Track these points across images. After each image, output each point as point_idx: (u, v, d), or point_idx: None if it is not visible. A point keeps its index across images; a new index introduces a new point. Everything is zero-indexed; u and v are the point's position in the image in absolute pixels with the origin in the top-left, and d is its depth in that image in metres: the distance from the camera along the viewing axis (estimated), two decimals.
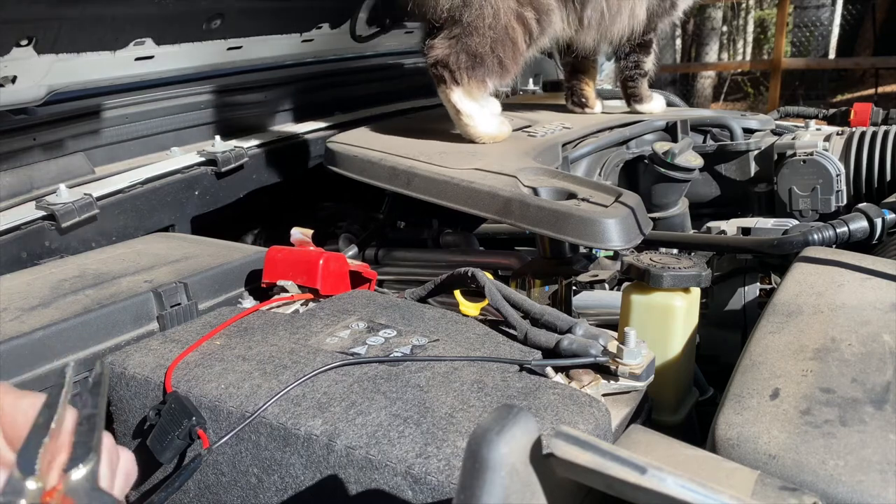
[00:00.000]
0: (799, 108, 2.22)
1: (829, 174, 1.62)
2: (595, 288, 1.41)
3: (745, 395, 0.74)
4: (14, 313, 0.99)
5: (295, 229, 1.77)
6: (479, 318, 0.99)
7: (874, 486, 0.61)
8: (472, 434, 0.47)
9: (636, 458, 0.45)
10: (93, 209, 1.40)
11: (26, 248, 1.32)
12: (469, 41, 1.46)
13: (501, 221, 1.27)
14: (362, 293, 1.09)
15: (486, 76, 1.49)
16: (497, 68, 1.49)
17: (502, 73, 1.51)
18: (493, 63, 1.48)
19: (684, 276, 0.97)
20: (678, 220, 1.70)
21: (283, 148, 1.88)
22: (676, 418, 1.01)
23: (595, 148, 1.66)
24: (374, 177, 1.44)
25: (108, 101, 1.63)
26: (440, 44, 1.48)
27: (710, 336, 1.31)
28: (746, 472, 0.63)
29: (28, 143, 1.46)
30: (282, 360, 0.86)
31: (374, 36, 2.15)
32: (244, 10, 1.73)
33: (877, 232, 1.29)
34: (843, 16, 7.78)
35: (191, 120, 1.82)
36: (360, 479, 0.70)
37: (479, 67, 1.48)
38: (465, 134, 1.55)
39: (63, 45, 1.40)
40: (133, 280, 1.10)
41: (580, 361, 0.84)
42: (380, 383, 0.80)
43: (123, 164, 1.64)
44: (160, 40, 1.60)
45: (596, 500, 0.54)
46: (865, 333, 0.83)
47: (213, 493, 0.81)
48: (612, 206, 1.19)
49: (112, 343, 0.99)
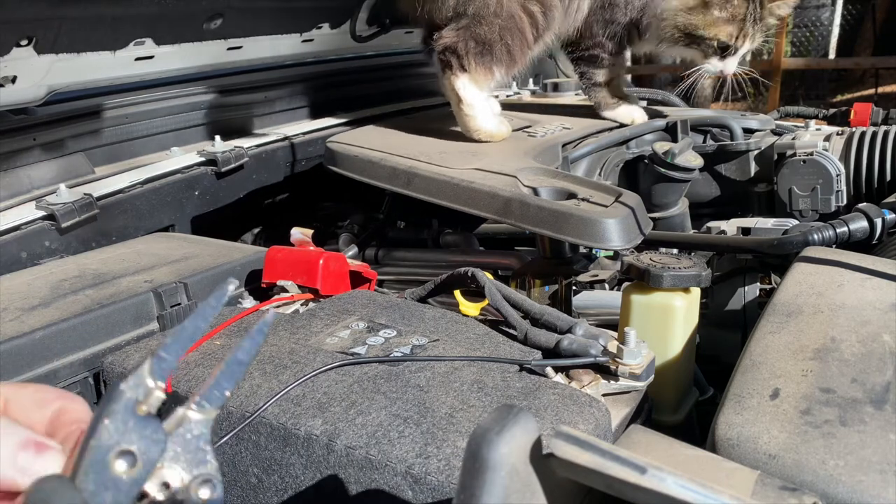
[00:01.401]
0: (799, 108, 2.22)
1: (829, 174, 1.62)
2: (595, 288, 1.41)
3: (745, 395, 0.74)
4: (14, 313, 0.99)
5: (295, 229, 1.77)
6: (479, 318, 0.99)
7: (874, 486, 0.61)
8: (473, 434, 0.47)
9: (636, 458, 0.45)
10: (93, 209, 1.40)
11: (26, 248, 1.32)
12: (477, 29, 1.47)
13: (501, 221, 1.27)
14: (362, 293, 1.08)
15: (494, 64, 1.50)
16: (505, 56, 1.50)
17: (510, 63, 1.52)
18: (501, 51, 1.49)
19: (684, 276, 0.97)
20: (678, 220, 1.70)
21: (283, 148, 1.88)
22: (676, 418, 1.01)
23: (595, 148, 1.66)
24: (374, 177, 1.44)
25: (108, 101, 1.63)
26: (448, 33, 1.50)
27: (710, 336, 1.31)
28: (746, 472, 0.63)
29: (28, 143, 1.46)
30: (282, 360, 0.86)
31: (374, 36, 2.15)
32: (244, 10, 1.73)
33: (877, 232, 1.29)
34: (843, 16, 7.77)
35: (191, 120, 1.81)
36: (360, 479, 0.70)
37: (488, 54, 1.49)
38: (464, 127, 1.56)
39: (63, 45, 1.40)
40: (133, 280, 1.10)
41: (580, 361, 0.84)
42: (380, 383, 0.80)
43: (123, 164, 1.64)
44: (160, 40, 1.60)
45: (596, 500, 0.54)
46: (865, 333, 0.83)
47: None
48: (612, 206, 1.19)
49: (112, 343, 0.99)
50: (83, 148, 1.57)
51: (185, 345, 0.43)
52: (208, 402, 0.42)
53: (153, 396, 0.41)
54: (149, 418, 0.40)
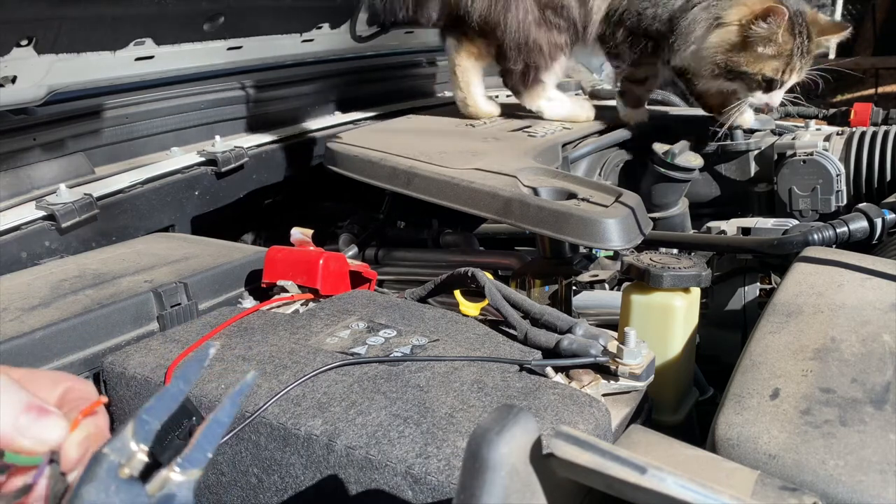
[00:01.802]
0: (799, 108, 2.22)
1: (829, 174, 1.62)
2: (595, 288, 1.41)
3: (745, 395, 0.74)
4: (14, 313, 0.99)
5: (295, 229, 1.77)
6: (479, 318, 0.99)
7: (874, 486, 0.61)
8: (472, 434, 0.47)
9: (636, 458, 0.45)
10: (93, 209, 1.40)
11: (26, 248, 1.32)
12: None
13: (501, 221, 1.27)
14: (362, 293, 1.08)
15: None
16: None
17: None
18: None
19: (684, 276, 0.97)
20: (678, 220, 1.70)
21: (283, 148, 1.88)
22: (676, 418, 1.01)
23: (595, 148, 1.66)
24: (374, 177, 1.44)
25: (108, 101, 1.63)
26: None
27: (710, 336, 1.31)
28: (746, 472, 0.63)
29: (28, 143, 1.46)
30: (282, 360, 0.86)
31: (374, 36, 2.15)
32: (244, 10, 1.73)
33: (877, 232, 1.29)
34: (843, 16, 7.76)
35: (191, 120, 1.81)
36: (360, 479, 0.70)
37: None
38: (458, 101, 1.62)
39: (63, 45, 1.40)
40: (133, 280, 1.10)
41: (580, 361, 0.84)
42: (380, 383, 0.80)
43: (123, 164, 1.63)
44: (160, 40, 1.60)
45: (596, 500, 0.54)
46: (865, 333, 0.83)
47: (213, 493, 0.81)
48: (612, 206, 1.19)
49: (112, 343, 0.99)
50: (83, 148, 1.57)
51: (168, 406, 0.44)
52: (190, 464, 0.43)
53: (135, 459, 0.42)
54: (131, 481, 0.41)
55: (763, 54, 1.45)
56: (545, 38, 1.59)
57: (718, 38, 1.46)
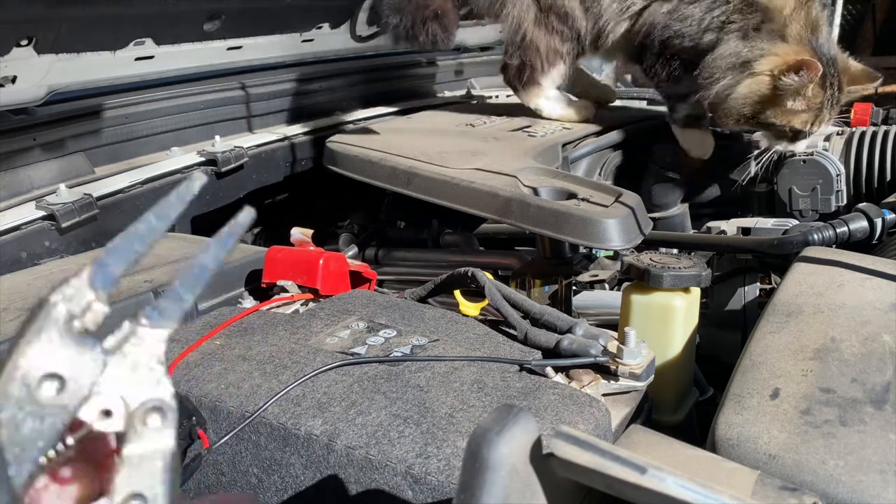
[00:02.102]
0: None
1: (829, 174, 1.62)
2: (595, 288, 1.41)
3: (745, 395, 0.74)
4: (14, 313, 0.99)
5: (295, 229, 1.77)
6: (479, 318, 0.99)
7: (874, 486, 0.61)
8: (473, 434, 0.47)
9: (636, 458, 0.45)
10: (93, 209, 1.40)
11: (26, 248, 1.31)
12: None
13: (501, 221, 1.27)
14: (362, 293, 1.08)
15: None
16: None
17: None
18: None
19: (684, 276, 0.97)
20: (678, 220, 1.70)
21: (283, 148, 1.88)
22: (676, 418, 1.01)
23: (595, 148, 1.66)
24: (374, 177, 1.44)
25: (108, 101, 1.63)
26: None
27: (710, 336, 1.31)
28: (746, 472, 0.63)
29: (28, 143, 1.46)
30: (282, 360, 0.86)
31: (374, 36, 2.15)
32: (244, 10, 1.73)
33: (877, 232, 1.29)
34: (843, 16, 7.76)
35: (191, 120, 1.81)
36: (360, 479, 0.70)
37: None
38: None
39: (63, 45, 1.40)
40: (133, 280, 1.10)
41: (580, 361, 0.84)
42: (380, 383, 0.80)
43: (123, 164, 1.63)
44: (160, 40, 1.60)
45: (596, 500, 0.54)
46: (865, 333, 0.83)
47: (213, 493, 0.81)
48: (612, 206, 1.19)
49: None
50: (83, 148, 1.57)
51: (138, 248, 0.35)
52: (162, 316, 0.35)
53: (92, 310, 0.33)
54: (85, 336, 0.33)
55: (793, 108, 1.40)
56: (544, 39, 1.59)
57: (748, 90, 1.41)
